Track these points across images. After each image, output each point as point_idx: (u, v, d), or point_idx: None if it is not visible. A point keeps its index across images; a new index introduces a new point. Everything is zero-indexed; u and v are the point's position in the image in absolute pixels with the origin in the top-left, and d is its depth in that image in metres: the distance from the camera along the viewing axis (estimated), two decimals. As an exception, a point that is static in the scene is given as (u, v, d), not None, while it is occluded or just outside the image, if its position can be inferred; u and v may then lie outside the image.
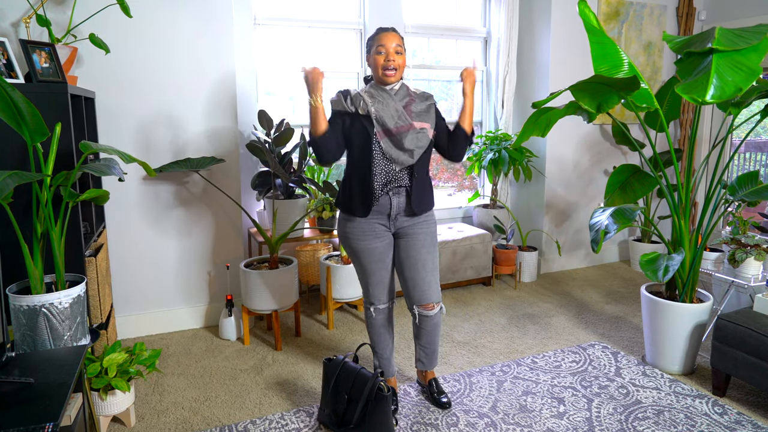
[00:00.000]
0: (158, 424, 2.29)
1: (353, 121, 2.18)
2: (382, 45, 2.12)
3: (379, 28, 2.18)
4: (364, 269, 2.29)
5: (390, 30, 2.16)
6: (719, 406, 2.39)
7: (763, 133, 5.38)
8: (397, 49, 2.12)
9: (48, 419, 1.34)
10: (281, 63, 3.74)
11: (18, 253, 2.15)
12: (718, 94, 1.99)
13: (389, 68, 2.12)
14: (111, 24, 2.87)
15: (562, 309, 3.63)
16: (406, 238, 2.27)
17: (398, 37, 2.14)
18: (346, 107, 2.17)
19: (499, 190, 4.35)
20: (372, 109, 2.13)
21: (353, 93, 2.18)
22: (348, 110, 2.18)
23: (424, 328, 2.34)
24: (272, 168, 2.98)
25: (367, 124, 2.15)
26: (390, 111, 2.13)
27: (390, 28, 2.17)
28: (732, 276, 2.86)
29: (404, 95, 2.20)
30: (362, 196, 2.19)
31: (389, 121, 2.12)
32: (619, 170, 2.94)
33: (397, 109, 2.14)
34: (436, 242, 2.31)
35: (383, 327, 2.36)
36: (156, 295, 3.22)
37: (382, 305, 2.33)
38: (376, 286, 2.30)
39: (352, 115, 2.18)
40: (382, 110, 2.13)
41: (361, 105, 2.15)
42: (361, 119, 2.16)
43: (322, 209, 3.35)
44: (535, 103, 2.60)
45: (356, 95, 2.17)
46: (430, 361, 2.44)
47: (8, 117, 1.81)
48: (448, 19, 4.25)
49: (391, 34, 2.14)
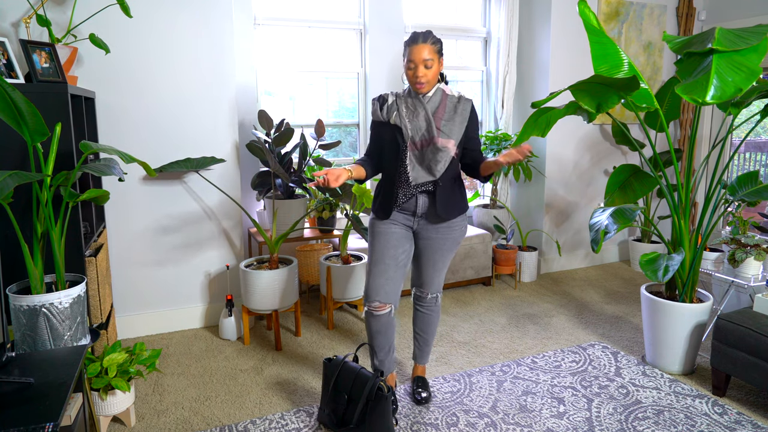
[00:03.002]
0: (158, 424, 2.29)
1: (386, 129, 2.22)
2: (411, 60, 2.08)
3: (411, 37, 2.09)
4: (374, 254, 2.25)
5: (420, 41, 2.06)
6: (719, 406, 2.39)
7: (763, 133, 5.38)
8: (427, 63, 2.06)
9: (48, 419, 1.34)
10: (281, 63, 3.74)
11: (18, 253, 2.15)
12: (718, 94, 1.99)
13: (418, 82, 2.10)
14: (111, 24, 2.87)
15: (562, 309, 3.63)
16: (427, 240, 2.28)
17: (429, 48, 2.06)
18: (381, 117, 2.21)
19: (499, 190, 4.36)
20: (406, 122, 2.15)
21: (390, 101, 2.20)
22: (382, 120, 2.21)
23: (419, 309, 2.42)
24: (272, 168, 2.98)
25: (398, 134, 2.18)
26: (419, 122, 2.14)
27: (421, 38, 2.07)
28: (732, 276, 2.86)
29: (437, 103, 2.16)
30: (386, 200, 2.24)
31: (416, 134, 2.14)
32: (619, 170, 2.94)
33: (426, 119, 2.14)
34: (455, 247, 2.33)
35: (378, 333, 2.28)
36: (156, 295, 3.22)
37: (376, 308, 2.21)
38: (377, 277, 2.21)
39: (385, 124, 2.21)
40: (412, 122, 2.15)
41: (393, 116, 2.17)
42: (393, 129, 2.19)
43: (322, 209, 3.35)
44: (534, 102, 2.60)
45: (392, 105, 2.19)
46: (422, 353, 2.49)
47: (8, 117, 1.81)
48: (448, 19, 4.25)
49: (420, 47, 2.06)
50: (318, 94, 3.92)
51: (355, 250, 3.54)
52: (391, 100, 2.20)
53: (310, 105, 3.90)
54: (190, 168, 3.03)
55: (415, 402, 2.42)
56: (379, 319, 2.25)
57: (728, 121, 4.16)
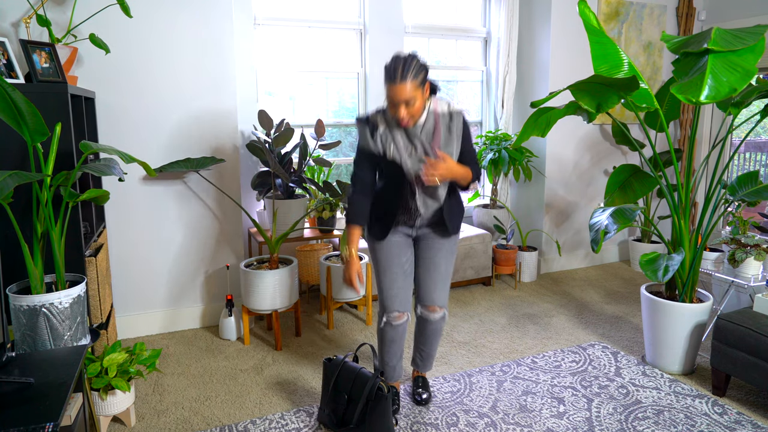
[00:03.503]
0: (158, 424, 2.29)
1: (383, 161, 2.07)
2: (390, 100, 1.92)
3: (389, 73, 1.89)
4: (379, 265, 2.21)
5: (398, 81, 1.87)
6: (719, 406, 2.39)
7: (763, 133, 5.38)
8: (408, 101, 1.90)
9: (48, 419, 1.34)
10: (281, 63, 3.74)
11: (18, 253, 2.15)
12: (712, 94, 2.00)
13: (402, 121, 1.95)
14: (111, 24, 2.87)
15: (562, 309, 3.63)
16: (426, 241, 2.25)
17: (408, 86, 1.87)
18: (374, 149, 2.05)
19: (499, 190, 4.35)
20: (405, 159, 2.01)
21: (381, 130, 2.02)
22: (375, 152, 2.05)
23: (424, 331, 2.33)
24: (272, 168, 2.98)
25: (397, 169, 2.05)
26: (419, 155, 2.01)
27: (399, 76, 1.86)
28: (732, 276, 2.86)
29: (431, 129, 2.02)
30: (385, 225, 2.16)
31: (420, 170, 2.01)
32: (619, 170, 2.94)
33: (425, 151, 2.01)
34: (454, 254, 2.28)
35: (393, 342, 2.27)
36: (156, 295, 3.22)
37: (395, 318, 2.19)
38: (390, 287, 2.18)
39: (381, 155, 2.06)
40: (412, 157, 2.02)
41: (391, 151, 2.01)
42: (391, 163, 2.05)
43: (322, 209, 3.35)
44: (534, 102, 2.60)
45: (384, 135, 2.02)
46: (425, 365, 2.46)
47: (8, 117, 1.81)
48: (448, 19, 4.25)
49: (400, 87, 1.87)
50: (318, 94, 3.92)
51: (355, 250, 3.54)
52: (382, 128, 2.02)
53: (310, 105, 3.90)
54: (190, 168, 3.03)
55: (416, 402, 2.42)
56: (397, 329, 2.22)
57: (728, 121, 4.16)
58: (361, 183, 2.12)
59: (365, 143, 2.06)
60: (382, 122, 2.04)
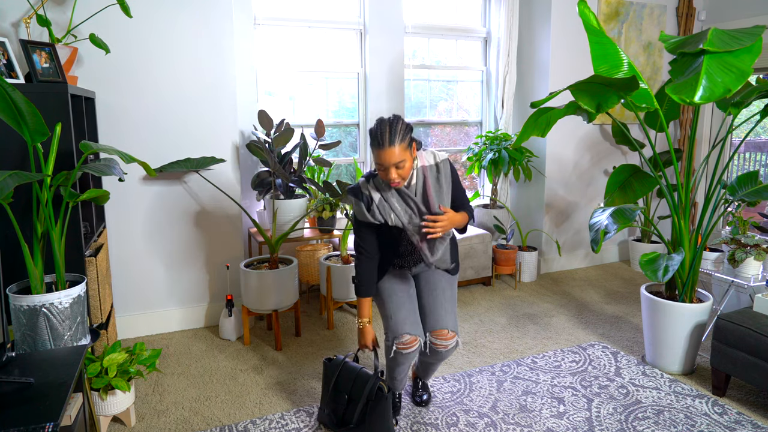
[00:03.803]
0: (158, 424, 2.29)
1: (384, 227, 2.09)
2: (379, 164, 1.90)
3: (376, 139, 1.88)
4: (384, 293, 2.15)
5: (386, 145, 1.86)
6: (719, 406, 2.39)
7: (763, 133, 5.38)
8: (399, 164, 1.89)
9: (48, 419, 1.34)
10: (281, 63, 3.74)
11: (18, 253, 2.15)
12: (706, 95, 2.00)
13: (392, 183, 1.94)
14: (111, 24, 2.87)
15: (562, 309, 3.63)
16: (425, 274, 2.24)
17: (397, 149, 1.86)
18: (373, 220, 2.02)
19: (499, 190, 4.35)
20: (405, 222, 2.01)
21: (377, 200, 2.00)
22: (376, 223, 2.04)
23: (431, 358, 2.18)
24: (272, 168, 2.98)
25: (395, 231, 2.09)
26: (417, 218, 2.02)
27: (387, 141, 1.86)
28: (732, 276, 2.86)
29: (422, 186, 2.02)
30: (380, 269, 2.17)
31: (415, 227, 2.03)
32: (619, 170, 2.94)
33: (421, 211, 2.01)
34: (455, 283, 2.28)
35: (402, 364, 2.13)
36: (156, 295, 3.22)
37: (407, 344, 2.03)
38: (397, 311, 2.08)
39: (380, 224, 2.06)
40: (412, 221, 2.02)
41: (392, 218, 2.01)
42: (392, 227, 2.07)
43: (322, 209, 3.35)
44: (533, 102, 2.60)
45: (381, 203, 2.00)
46: (426, 374, 2.41)
47: (8, 117, 1.81)
48: (448, 19, 4.25)
49: (388, 152, 1.86)
50: (318, 94, 3.92)
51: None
52: (377, 197, 2.00)
53: (310, 105, 3.90)
54: (190, 168, 3.03)
55: (415, 404, 2.42)
56: (408, 357, 2.07)
57: (728, 121, 4.16)
58: (367, 251, 2.10)
59: (363, 216, 2.04)
60: (375, 191, 2.02)
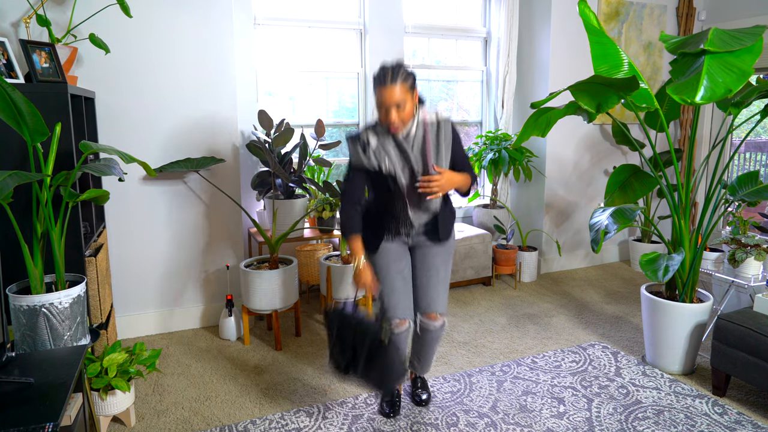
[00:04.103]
0: (158, 424, 2.29)
1: (376, 176, 2.08)
2: (380, 103, 1.93)
3: (379, 76, 1.93)
4: (378, 274, 2.18)
5: (389, 83, 1.90)
6: (719, 406, 2.39)
7: (763, 133, 5.38)
8: (399, 104, 1.91)
9: (48, 419, 1.34)
10: (281, 63, 3.74)
11: (18, 253, 2.15)
12: (708, 95, 2.00)
13: (392, 125, 1.96)
14: (111, 24, 2.87)
15: (562, 309, 3.63)
16: (422, 248, 2.24)
17: (398, 89, 1.90)
18: (367, 165, 2.05)
19: (499, 190, 4.35)
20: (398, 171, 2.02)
21: (373, 145, 2.02)
22: (370, 168, 2.06)
23: (422, 339, 2.27)
24: (272, 168, 2.98)
25: (391, 181, 2.06)
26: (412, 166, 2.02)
27: (389, 78, 1.90)
28: (732, 276, 2.86)
29: (421, 139, 2.03)
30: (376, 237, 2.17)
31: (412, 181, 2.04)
32: (619, 170, 2.94)
33: (417, 161, 2.02)
34: (451, 257, 2.27)
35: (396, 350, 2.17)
36: (156, 295, 3.22)
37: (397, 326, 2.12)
38: (390, 295, 2.14)
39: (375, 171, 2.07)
40: (404, 169, 2.03)
41: (386, 164, 2.02)
42: (385, 176, 2.06)
43: (322, 209, 3.35)
44: (533, 103, 2.60)
45: (377, 149, 2.02)
46: (423, 368, 2.43)
47: (8, 117, 1.81)
48: (448, 19, 4.25)
49: (390, 89, 1.89)
50: (318, 94, 3.92)
51: (355, 250, 3.54)
52: (374, 143, 2.02)
53: (310, 105, 3.90)
54: (190, 168, 3.03)
55: (415, 403, 2.41)
56: (399, 337, 2.16)
57: (728, 121, 4.15)
58: (350, 196, 2.13)
59: (358, 160, 2.06)
60: (374, 137, 2.04)
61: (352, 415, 2.34)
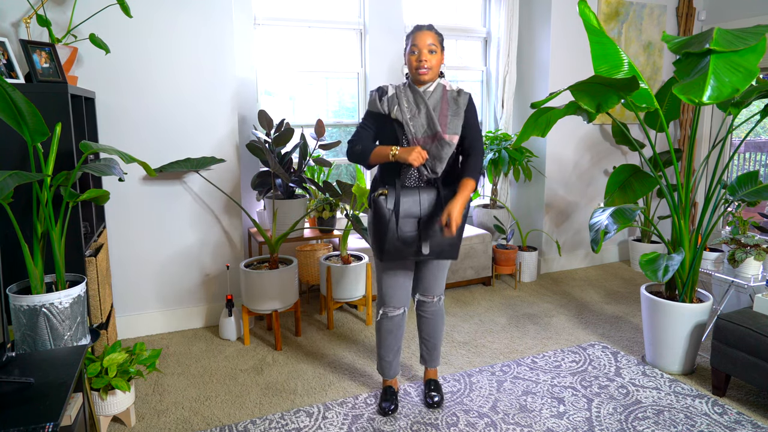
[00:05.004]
0: (158, 424, 2.29)
1: (384, 123, 2.17)
2: (415, 44, 2.08)
3: (415, 26, 2.14)
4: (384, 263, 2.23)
5: (425, 28, 2.10)
6: (719, 406, 2.39)
7: (763, 133, 5.38)
8: (431, 48, 2.08)
9: (48, 419, 1.34)
10: (281, 63, 3.74)
11: (18, 253, 2.15)
12: (715, 95, 1.99)
13: (422, 67, 2.08)
14: (111, 24, 2.87)
15: (562, 309, 3.63)
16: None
17: (433, 35, 2.10)
18: (380, 109, 2.15)
19: (499, 190, 4.36)
20: (407, 118, 2.10)
21: (390, 93, 2.15)
22: (381, 112, 2.15)
23: (424, 314, 2.39)
24: (272, 168, 2.98)
25: (397, 128, 2.13)
26: (421, 119, 2.10)
27: (426, 26, 2.12)
28: (732, 276, 2.86)
29: (438, 98, 2.14)
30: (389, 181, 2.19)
31: (419, 131, 2.10)
32: (619, 170, 2.94)
33: (428, 115, 2.10)
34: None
35: (390, 333, 2.33)
36: (156, 295, 3.22)
37: (393, 310, 2.29)
38: (390, 285, 2.25)
39: (384, 117, 2.16)
40: (414, 119, 2.11)
41: (395, 111, 2.12)
42: (392, 122, 2.14)
43: (322, 209, 3.35)
44: (534, 103, 2.60)
45: (392, 97, 2.14)
46: (431, 357, 2.46)
47: (8, 117, 1.81)
48: (448, 19, 4.25)
49: (425, 33, 2.09)
50: (318, 94, 3.92)
51: (355, 250, 3.54)
52: (391, 92, 2.15)
53: (310, 105, 3.90)
54: (190, 168, 3.03)
55: (427, 405, 2.40)
56: (394, 320, 2.31)
57: (728, 121, 4.16)
58: (359, 138, 2.19)
59: (373, 105, 2.18)
60: (393, 88, 2.18)
61: (352, 415, 2.34)
